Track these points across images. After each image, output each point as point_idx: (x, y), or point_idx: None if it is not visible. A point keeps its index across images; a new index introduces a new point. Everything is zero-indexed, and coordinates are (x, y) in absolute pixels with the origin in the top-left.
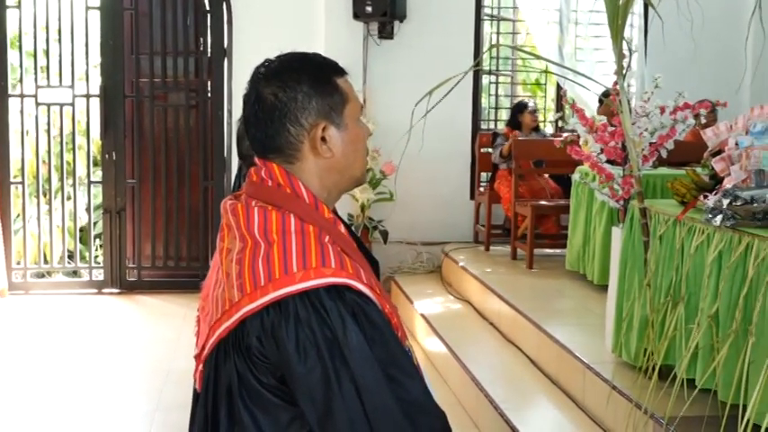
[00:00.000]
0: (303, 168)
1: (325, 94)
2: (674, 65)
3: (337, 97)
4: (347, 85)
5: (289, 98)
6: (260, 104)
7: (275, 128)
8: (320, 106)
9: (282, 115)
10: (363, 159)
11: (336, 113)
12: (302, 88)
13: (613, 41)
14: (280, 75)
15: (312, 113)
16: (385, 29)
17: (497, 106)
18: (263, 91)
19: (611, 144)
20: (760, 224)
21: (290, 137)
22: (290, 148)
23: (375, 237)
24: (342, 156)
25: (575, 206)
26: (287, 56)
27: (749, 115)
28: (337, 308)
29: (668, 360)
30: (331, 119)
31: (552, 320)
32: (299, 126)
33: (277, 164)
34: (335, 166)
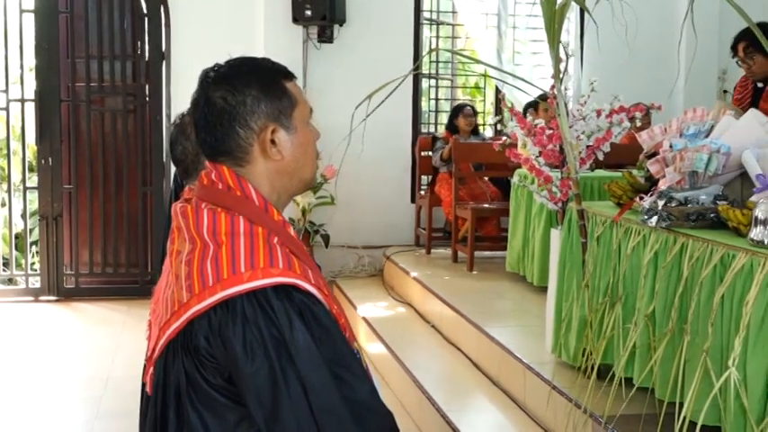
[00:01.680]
0: (253, 171)
1: (275, 97)
2: (609, 69)
3: (286, 101)
4: (296, 88)
5: (238, 101)
6: (209, 108)
7: (224, 131)
8: (269, 109)
9: (232, 118)
10: (313, 162)
11: (285, 117)
12: (251, 92)
13: (550, 46)
14: (229, 79)
15: (261, 116)
16: (325, 33)
17: (437, 110)
18: (213, 95)
19: (549, 147)
20: (694, 225)
21: (239, 140)
22: (239, 151)
23: (316, 241)
24: (292, 158)
25: (514, 209)
26: (236, 60)
27: (683, 118)
28: (285, 307)
29: (607, 359)
30: (280, 122)
31: (493, 322)
32: (249, 129)
33: (227, 167)
34: (285, 169)
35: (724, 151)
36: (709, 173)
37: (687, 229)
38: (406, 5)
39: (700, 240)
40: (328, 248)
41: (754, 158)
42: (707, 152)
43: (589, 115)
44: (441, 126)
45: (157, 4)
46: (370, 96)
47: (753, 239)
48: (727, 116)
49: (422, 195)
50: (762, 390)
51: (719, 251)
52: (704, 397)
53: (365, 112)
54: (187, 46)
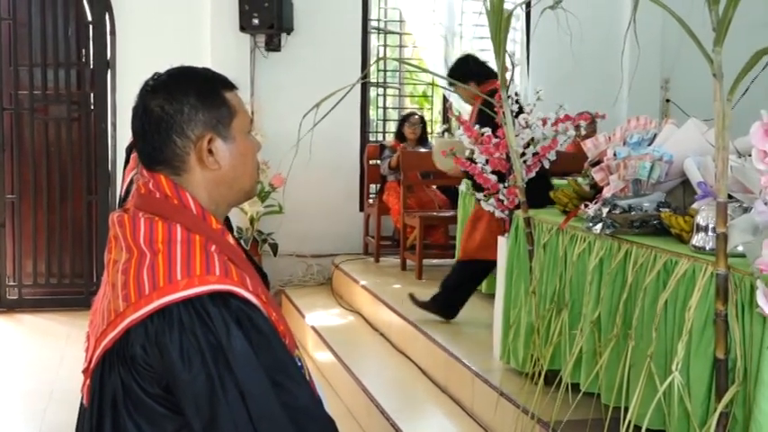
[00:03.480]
0: (190, 180)
1: (213, 106)
2: (555, 78)
3: (225, 110)
4: (236, 99)
5: (175, 110)
6: (147, 116)
7: (162, 139)
8: (207, 118)
9: (169, 127)
10: (253, 173)
11: (224, 126)
12: (189, 100)
13: (496, 55)
14: (167, 87)
15: (199, 125)
16: (272, 41)
17: (385, 118)
18: (150, 103)
19: (495, 155)
20: (638, 231)
21: (176, 148)
22: (176, 160)
23: (265, 250)
24: (230, 168)
25: (462, 217)
26: (175, 69)
27: (626, 126)
28: (221, 314)
29: (554, 365)
30: (218, 131)
31: (441, 330)
32: (186, 138)
33: (164, 175)
34: (223, 179)
35: (666, 159)
36: (652, 180)
37: (631, 235)
38: (353, 14)
39: (643, 247)
40: (277, 257)
41: (696, 166)
42: (650, 160)
43: (535, 124)
44: (389, 134)
45: (102, 11)
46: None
47: (695, 246)
48: (669, 125)
49: (370, 204)
50: (704, 393)
51: (663, 257)
52: (649, 401)
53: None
54: (133, 54)
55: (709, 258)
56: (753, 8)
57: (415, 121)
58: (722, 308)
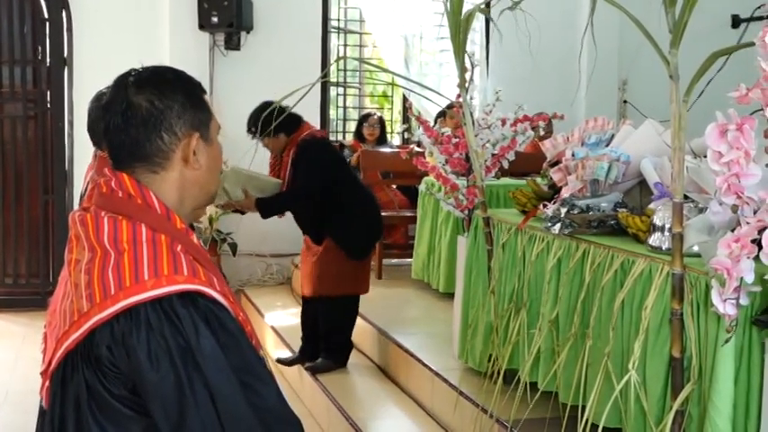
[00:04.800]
0: (166, 178)
1: (197, 107)
2: (514, 79)
3: (206, 112)
4: (208, 102)
5: (166, 106)
6: (132, 111)
7: (147, 135)
8: (193, 118)
9: (158, 122)
10: (218, 177)
11: (205, 127)
12: (178, 98)
13: (455, 56)
14: (154, 83)
15: (187, 124)
16: (232, 40)
17: (345, 118)
18: (135, 98)
19: (455, 155)
20: (595, 231)
21: (162, 145)
22: (159, 156)
23: (224, 249)
24: (207, 169)
25: (421, 216)
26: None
27: (584, 127)
28: (190, 314)
29: (512, 364)
30: (201, 131)
31: (400, 329)
32: (173, 135)
33: (128, 174)
34: (199, 180)
35: (624, 160)
36: (609, 181)
37: (589, 235)
38: (313, 13)
39: (601, 247)
40: (236, 257)
41: (652, 167)
42: (607, 161)
43: (494, 124)
44: (349, 134)
45: (59, 7)
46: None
47: (651, 245)
48: (626, 126)
49: None
50: (660, 391)
51: (620, 257)
52: (606, 399)
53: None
54: (90, 51)
55: (665, 258)
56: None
57: (373, 122)
58: (678, 307)
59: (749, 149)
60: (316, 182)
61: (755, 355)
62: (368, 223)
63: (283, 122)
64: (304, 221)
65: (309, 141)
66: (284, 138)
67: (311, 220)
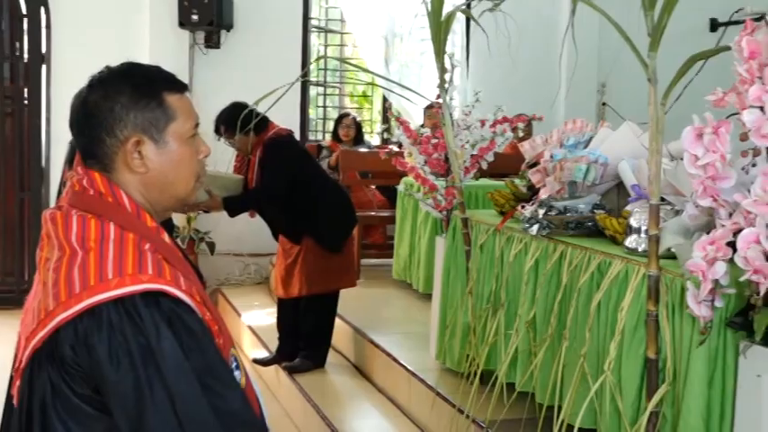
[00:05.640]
0: (119, 179)
1: (147, 108)
2: (494, 80)
3: (160, 113)
4: (181, 102)
5: (107, 108)
6: (83, 110)
7: (93, 135)
8: (138, 120)
9: (99, 124)
10: (188, 180)
11: (157, 129)
12: (121, 99)
13: (436, 56)
14: (105, 83)
15: (128, 126)
16: (212, 38)
17: (325, 117)
18: (88, 98)
19: (434, 156)
20: (573, 233)
21: (105, 147)
22: (105, 158)
23: (202, 248)
24: (159, 173)
25: (400, 217)
26: (121, 65)
27: (563, 129)
28: (152, 315)
29: (489, 365)
30: (150, 134)
31: (379, 330)
32: (114, 137)
33: (98, 172)
34: (152, 183)
35: (602, 162)
36: (587, 183)
37: (566, 237)
38: (294, 12)
39: (578, 248)
40: (214, 256)
41: (630, 169)
42: (585, 163)
43: (473, 125)
44: (329, 134)
45: (37, 4)
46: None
47: (628, 247)
48: (605, 128)
49: None
50: (635, 392)
51: (597, 259)
52: (581, 400)
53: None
54: (69, 48)
55: (641, 260)
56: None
57: (348, 123)
58: (653, 308)
59: (725, 153)
60: (281, 181)
61: (729, 357)
62: (341, 213)
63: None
64: (278, 222)
65: (275, 141)
66: (253, 137)
67: (286, 220)
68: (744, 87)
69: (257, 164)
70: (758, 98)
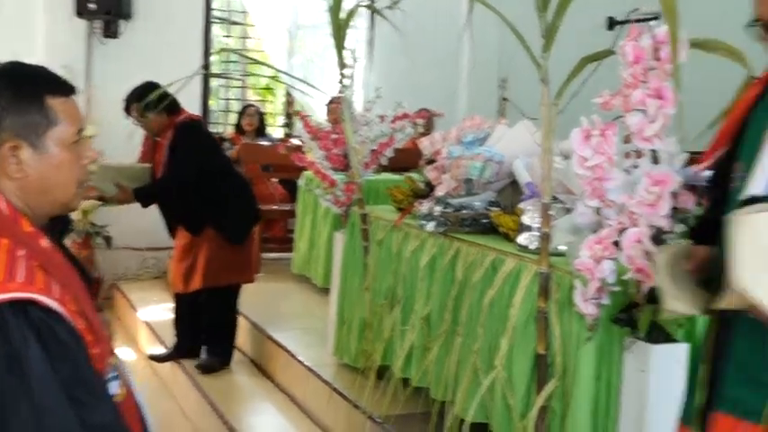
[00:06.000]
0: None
1: (25, 112)
2: (397, 75)
3: (40, 118)
4: (65, 106)
5: None
6: None
7: None
8: (15, 124)
9: None
10: (69, 186)
11: (36, 135)
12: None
13: (337, 52)
14: None
15: (5, 130)
16: (110, 27)
17: (227, 110)
18: None
19: (334, 151)
20: (468, 230)
21: None
22: None
23: (98, 243)
24: (38, 179)
25: (301, 211)
26: (3, 65)
27: (461, 126)
28: (19, 323)
29: (386, 361)
30: (28, 139)
31: (278, 325)
32: None
33: None
34: (31, 188)
35: (497, 160)
36: (483, 180)
37: (462, 234)
38: (195, 3)
39: (473, 245)
40: (111, 250)
41: (524, 167)
42: (481, 161)
43: (373, 121)
44: (230, 127)
45: None
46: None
47: (520, 244)
48: (501, 126)
49: None
50: (525, 387)
51: (490, 256)
52: (474, 395)
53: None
54: None
55: (533, 257)
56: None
57: (251, 113)
58: (544, 305)
59: (611, 155)
60: (192, 166)
61: (615, 352)
62: (246, 206)
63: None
64: (179, 212)
65: (188, 125)
66: (165, 117)
67: (190, 209)
68: (628, 91)
69: (167, 147)
70: (641, 102)
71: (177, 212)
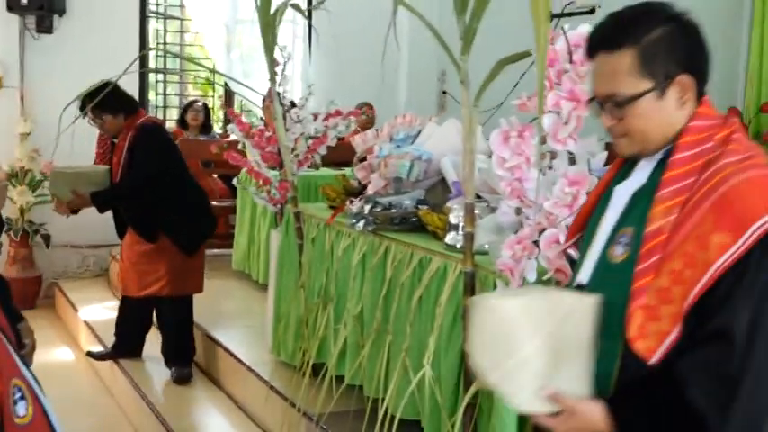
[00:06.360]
0: None
1: None
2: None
3: None
4: None
5: None
6: None
7: None
8: None
9: None
10: None
11: None
12: None
13: (265, 51)
14: None
15: None
16: (43, 22)
17: (165, 105)
18: None
19: (267, 149)
20: (397, 228)
21: None
22: None
23: (36, 241)
24: None
25: (240, 207)
26: None
27: (393, 123)
28: None
29: (322, 358)
30: None
31: (217, 323)
32: None
33: None
34: None
35: (425, 158)
36: (411, 179)
37: (391, 232)
38: None
39: (402, 244)
40: (50, 249)
41: (451, 165)
42: (409, 159)
43: (306, 118)
44: (170, 122)
45: None
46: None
47: (447, 243)
48: (432, 123)
49: None
50: (454, 385)
51: (418, 254)
52: (404, 392)
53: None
54: None
55: (459, 256)
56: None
57: (198, 108)
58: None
59: (529, 156)
60: (153, 168)
61: None
62: (201, 216)
63: (124, 102)
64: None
65: (150, 127)
66: (122, 119)
67: (141, 214)
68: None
69: (125, 149)
70: (556, 104)
71: (131, 216)
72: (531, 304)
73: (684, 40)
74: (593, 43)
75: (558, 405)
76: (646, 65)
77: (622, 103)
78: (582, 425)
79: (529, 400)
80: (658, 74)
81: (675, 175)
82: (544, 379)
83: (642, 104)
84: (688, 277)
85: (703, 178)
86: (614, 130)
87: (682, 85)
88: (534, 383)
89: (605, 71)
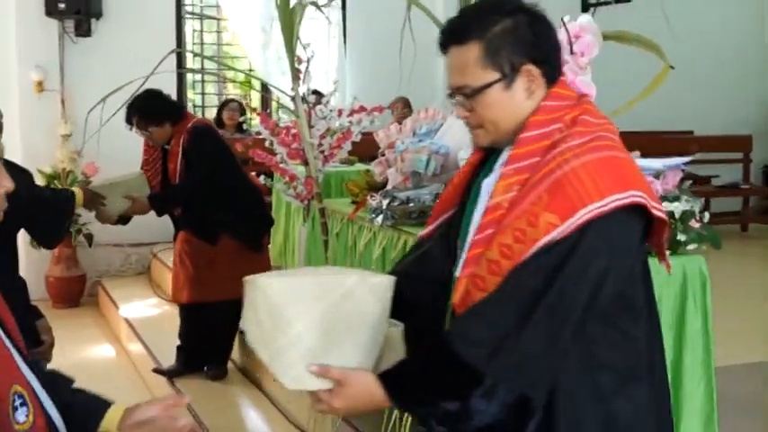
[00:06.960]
0: None
1: None
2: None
3: None
4: None
5: None
6: None
7: None
8: None
9: None
10: None
11: None
12: None
13: (287, 49)
14: None
15: None
16: (81, 26)
17: (204, 104)
18: None
19: (293, 146)
20: (415, 222)
21: None
22: None
23: (80, 240)
24: None
25: (275, 203)
26: None
27: (416, 117)
28: None
29: None
30: None
31: None
32: None
33: None
34: None
35: (443, 152)
36: (429, 173)
37: (409, 226)
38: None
39: None
40: (93, 248)
41: None
42: (426, 153)
43: (329, 115)
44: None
45: None
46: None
47: None
48: (452, 117)
49: None
50: None
51: None
52: None
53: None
54: None
55: None
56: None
57: (233, 107)
58: None
59: None
60: (206, 170)
61: None
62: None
63: (169, 111)
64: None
65: (201, 128)
66: (169, 127)
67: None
68: None
69: (180, 154)
70: None
71: (189, 218)
72: (302, 283)
73: (530, 30)
74: (444, 38)
75: (328, 379)
76: (491, 56)
77: (471, 94)
78: (356, 395)
79: (300, 376)
80: (504, 65)
81: (521, 153)
82: (316, 356)
83: (491, 95)
84: (516, 251)
85: (545, 160)
86: (469, 121)
87: (528, 75)
88: (305, 360)
89: (456, 64)
